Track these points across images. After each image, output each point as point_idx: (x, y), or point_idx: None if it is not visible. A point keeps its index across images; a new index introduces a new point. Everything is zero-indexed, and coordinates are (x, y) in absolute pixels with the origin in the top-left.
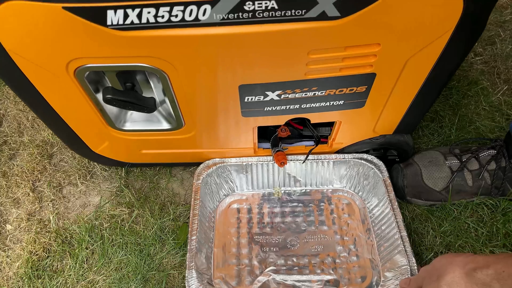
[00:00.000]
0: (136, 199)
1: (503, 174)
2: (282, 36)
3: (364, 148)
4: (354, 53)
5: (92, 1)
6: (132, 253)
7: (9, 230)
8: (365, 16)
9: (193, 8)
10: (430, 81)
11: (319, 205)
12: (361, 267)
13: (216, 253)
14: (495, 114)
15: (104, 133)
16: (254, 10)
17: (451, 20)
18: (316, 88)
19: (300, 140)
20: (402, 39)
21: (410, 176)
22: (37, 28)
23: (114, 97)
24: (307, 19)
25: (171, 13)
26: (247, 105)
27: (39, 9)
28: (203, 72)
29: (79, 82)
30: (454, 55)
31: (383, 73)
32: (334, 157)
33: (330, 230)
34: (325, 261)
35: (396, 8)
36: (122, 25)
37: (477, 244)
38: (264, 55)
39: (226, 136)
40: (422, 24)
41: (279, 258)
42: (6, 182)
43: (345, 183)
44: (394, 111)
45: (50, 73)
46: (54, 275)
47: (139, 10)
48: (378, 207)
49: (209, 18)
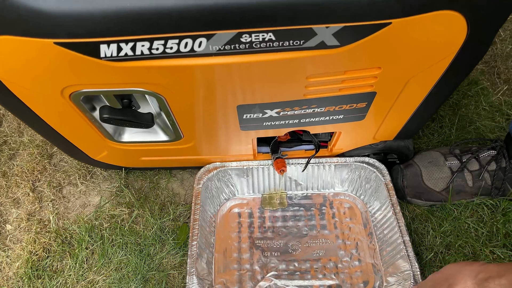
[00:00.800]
0: (136, 199)
1: (504, 174)
2: (280, 64)
3: (364, 153)
4: (354, 76)
5: (84, 37)
6: (132, 253)
7: (9, 230)
8: (365, 44)
9: (188, 41)
10: (432, 95)
11: (321, 209)
12: (363, 272)
13: (217, 258)
14: (495, 114)
15: (102, 144)
16: (251, 42)
17: (455, 45)
18: (315, 105)
19: (300, 144)
20: (404, 63)
21: (410, 177)
22: (30, 60)
23: (112, 116)
24: (305, 48)
25: (165, 46)
26: (245, 121)
27: (31, 44)
28: (200, 95)
29: (75, 104)
30: (457, 73)
31: (383, 92)
32: (336, 161)
33: (332, 234)
34: (327, 266)
35: (398, 37)
36: (116, 57)
37: (477, 244)
38: (262, 80)
39: (225, 146)
40: (425, 50)
41: (280, 263)
42: (6, 182)
43: (347, 186)
44: (394, 121)
45: (45, 97)
46: (54, 275)
47: (132, 44)
48: (380, 211)
49: (205, 49)
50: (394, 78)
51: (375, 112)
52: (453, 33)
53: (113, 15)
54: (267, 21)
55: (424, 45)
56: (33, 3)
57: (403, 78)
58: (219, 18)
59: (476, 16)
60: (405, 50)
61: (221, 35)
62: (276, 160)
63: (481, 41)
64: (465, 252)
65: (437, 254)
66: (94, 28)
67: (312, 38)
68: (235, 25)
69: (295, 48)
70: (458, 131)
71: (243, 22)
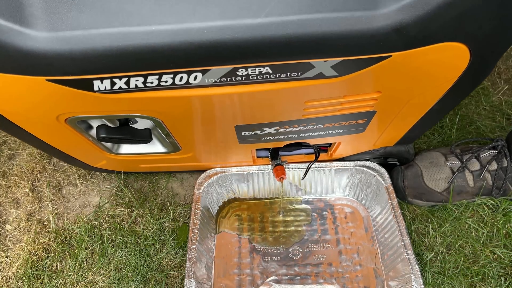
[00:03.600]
0: (135, 199)
1: (504, 174)
2: (277, 92)
3: (365, 157)
4: (353, 99)
5: (76, 74)
6: (132, 253)
7: (9, 230)
8: (365, 74)
9: (183, 75)
10: (434, 111)
11: (322, 214)
12: (364, 277)
13: (216, 262)
14: (496, 114)
15: (101, 156)
16: (247, 75)
17: (456, 72)
18: (314, 123)
19: (300, 148)
20: (404, 88)
21: (411, 178)
22: (22, 94)
23: (109, 136)
24: (303, 78)
25: (160, 80)
26: (244, 137)
27: (23, 80)
28: (197, 118)
29: (71, 126)
30: (459, 93)
31: (383, 110)
32: (336, 165)
33: (333, 239)
34: (328, 270)
35: (398, 67)
36: (110, 90)
37: (477, 244)
38: (259, 106)
39: (224, 156)
40: (426, 76)
41: (281, 267)
42: (6, 182)
43: (348, 191)
44: (395, 131)
45: (40, 122)
46: (54, 276)
47: (126, 79)
48: (382, 215)
49: (200, 82)
50: (394, 99)
51: (375, 126)
52: (455, 62)
53: (105, 54)
54: (263, 56)
55: (425, 73)
56: (22, 43)
57: (403, 99)
58: (213, 55)
59: (480, 46)
60: (406, 77)
61: (217, 70)
62: (276, 168)
63: (483, 67)
64: (465, 252)
65: (437, 254)
66: (87, 67)
67: (310, 70)
68: (231, 61)
69: (293, 78)
70: (459, 131)
71: (239, 58)
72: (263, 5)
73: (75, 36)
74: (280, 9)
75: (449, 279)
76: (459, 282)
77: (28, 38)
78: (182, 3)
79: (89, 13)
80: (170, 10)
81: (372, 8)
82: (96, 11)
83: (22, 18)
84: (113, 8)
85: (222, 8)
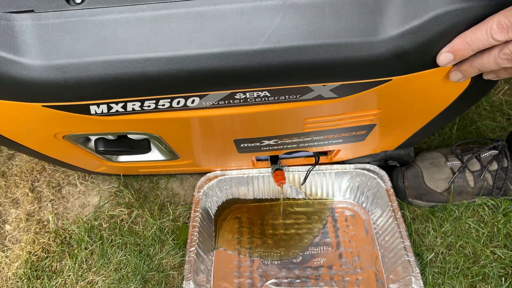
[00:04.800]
0: (135, 199)
1: (505, 174)
2: (275, 112)
3: (365, 161)
4: (352, 115)
5: (71, 100)
6: (132, 253)
7: (8, 230)
8: (364, 96)
9: (180, 100)
10: (435, 122)
11: (322, 217)
12: (365, 280)
13: (216, 265)
14: (496, 114)
15: (100, 163)
16: (245, 98)
17: (458, 90)
18: (314, 135)
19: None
20: (405, 105)
21: (411, 178)
22: (21, 118)
23: (107, 149)
24: (302, 100)
25: (157, 104)
26: (243, 148)
27: (20, 106)
28: (195, 134)
29: (69, 141)
30: (462, 105)
31: (383, 123)
32: (336, 168)
33: (333, 241)
34: (328, 273)
35: (399, 89)
36: (107, 113)
37: (477, 245)
38: (258, 123)
39: (223, 162)
40: (427, 95)
41: (281, 270)
42: (5, 182)
43: (348, 194)
44: (395, 139)
45: (38, 139)
46: (53, 276)
47: (123, 104)
48: (382, 217)
49: (198, 105)
50: (394, 114)
51: (375, 136)
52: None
53: (101, 82)
54: (261, 82)
55: (426, 92)
56: (16, 73)
57: (403, 114)
58: (210, 82)
59: None
60: (406, 97)
61: (214, 94)
62: (275, 172)
63: (486, 83)
64: (466, 253)
65: (437, 255)
66: (83, 94)
67: (309, 93)
68: (228, 86)
69: (291, 100)
70: (459, 131)
71: (236, 84)
72: (261, 32)
73: (70, 64)
74: (278, 35)
75: (449, 279)
76: (459, 282)
77: (21, 67)
78: (178, 30)
79: (84, 40)
80: (166, 37)
81: (372, 34)
82: (91, 39)
83: (15, 47)
84: (108, 36)
85: (219, 35)
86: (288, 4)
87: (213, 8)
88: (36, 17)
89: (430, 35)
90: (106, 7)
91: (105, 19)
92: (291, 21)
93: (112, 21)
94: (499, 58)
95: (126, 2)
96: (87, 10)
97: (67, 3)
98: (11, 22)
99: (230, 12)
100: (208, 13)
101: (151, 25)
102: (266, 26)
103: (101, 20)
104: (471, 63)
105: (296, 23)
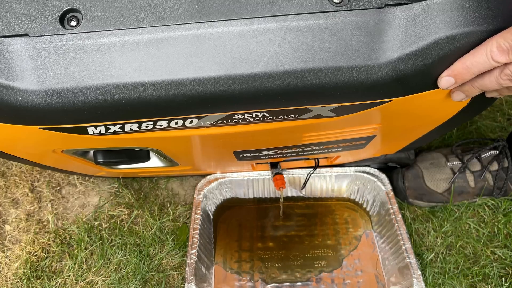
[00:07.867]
0: (135, 200)
1: (505, 174)
2: (274, 129)
3: (365, 163)
4: (352, 129)
5: (68, 124)
6: (132, 253)
7: (8, 230)
8: (363, 114)
9: (178, 121)
10: (435, 131)
11: (322, 219)
12: (365, 282)
13: (216, 268)
14: (496, 114)
15: (98, 169)
16: (244, 118)
17: (458, 107)
18: (313, 146)
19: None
20: (405, 121)
21: (412, 178)
22: (19, 138)
23: (106, 160)
24: (301, 119)
25: (155, 125)
26: (242, 158)
27: (17, 128)
28: (195, 148)
29: (68, 154)
30: (462, 118)
31: (383, 135)
32: (336, 171)
33: (333, 244)
34: (329, 276)
35: (398, 108)
36: (105, 133)
37: (478, 245)
38: (256, 139)
39: (223, 167)
40: (428, 111)
41: (281, 273)
42: (5, 182)
43: (348, 196)
44: (395, 145)
45: (38, 153)
46: (53, 276)
47: (121, 125)
48: (382, 220)
49: (196, 124)
50: (394, 128)
51: (374, 145)
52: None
53: (98, 106)
54: (259, 105)
55: (427, 110)
56: (12, 98)
57: (404, 127)
58: (208, 105)
59: None
60: (407, 114)
61: (212, 116)
62: (275, 177)
63: (487, 98)
64: (466, 253)
65: (438, 255)
66: (80, 118)
67: (308, 113)
68: (226, 109)
69: (290, 119)
70: (459, 131)
71: (235, 107)
72: (259, 56)
73: (66, 89)
74: (277, 59)
75: (449, 280)
76: (459, 282)
77: (17, 93)
78: (175, 54)
79: (80, 65)
80: (162, 61)
81: (372, 58)
82: (86, 63)
83: (9, 72)
84: (105, 60)
85: (216, 59)
86: (287, 28)
87: (211, 31)
88: (30, 41)
89: (430, 59)
90: (102, 31)
91: (101, 43)
92: (290, 44)
93: (108, 45)
94: (501, 79)
95: (122, 25)
96: (82, 34)
97: (62, 27)
98: (5, 47)
99: (228, 36)
100: (205, 37)
101: (148, 49)
102: (264, 50)
103: (97, 44)
104: (473, 84)
105: (295, 47)
